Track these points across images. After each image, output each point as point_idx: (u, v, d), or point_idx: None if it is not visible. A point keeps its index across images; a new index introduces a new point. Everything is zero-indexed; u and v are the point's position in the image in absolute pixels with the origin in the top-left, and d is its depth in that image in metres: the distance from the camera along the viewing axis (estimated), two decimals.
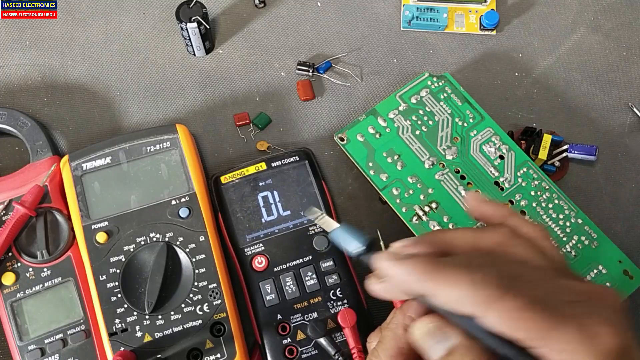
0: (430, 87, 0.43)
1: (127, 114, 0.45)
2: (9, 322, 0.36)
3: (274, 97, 0.46)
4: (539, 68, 0.47)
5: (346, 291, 0.38)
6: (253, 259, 0.39)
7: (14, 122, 0.42)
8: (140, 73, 0.46)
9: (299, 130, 0.45)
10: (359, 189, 0.43)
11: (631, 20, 0.48)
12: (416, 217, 0.39)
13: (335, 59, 0.47)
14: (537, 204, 0.40)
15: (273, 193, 0.40)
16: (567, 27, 0.48)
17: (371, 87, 0.46)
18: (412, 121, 0.42)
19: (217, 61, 0.46)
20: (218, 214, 0.40)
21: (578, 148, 0.43)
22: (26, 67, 0.46)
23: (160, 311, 0.36)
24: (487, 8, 0.48)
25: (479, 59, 0.47)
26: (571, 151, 0.43)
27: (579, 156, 0.43)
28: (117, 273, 0.37)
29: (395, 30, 0.48)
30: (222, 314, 0.37)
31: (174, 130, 0.40)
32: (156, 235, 0.38)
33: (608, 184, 0.44)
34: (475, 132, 0.42)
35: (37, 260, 0.37)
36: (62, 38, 0.47)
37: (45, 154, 0.41)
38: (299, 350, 0.37)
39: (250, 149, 0.44)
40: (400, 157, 0.41)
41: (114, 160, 0.40)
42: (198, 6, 0.43)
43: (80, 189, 0.39)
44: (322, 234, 0.39)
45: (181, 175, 0.39)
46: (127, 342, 0.36)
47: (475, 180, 0.40)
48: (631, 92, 0.46)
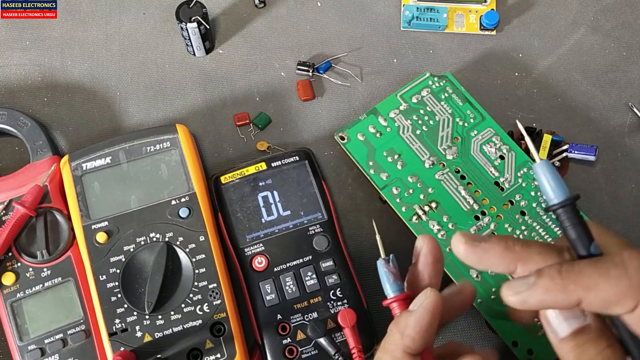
0: (431, 87, 0.43)
1: (127, 114, 0.45)
2: (9, 322, 0.36)
3: (274, 97, 0.46)
4: (539, 68, 0.47)
5: (346, 291, 0.38)
6: (253, 259, 0.39)
7: (14, 122, 0.42)
8: (140, 73, 0.46)
9: (299, 130, 0.45)
10: (359, 188, 0.43)
11: (631, 20, 0.48)
12: (416, 216, 0.39)
13: (335, 59, 0.47)
14: (537, 204, 0.40)
15: (273, 193, 0.40)
16: (567, 27, 0.48)
17: (371, 87, 0.46)
18: (412, 121, 0.42)
19: (217, 61, 0.46)
20: (218, 214, 0.40)
21: (578, 148, 0.43)
22: (26, 67, 0.46)
23: (160, 311, 0.36)
24: (487, 8, 0.48)
25: (479, 59, 0.47)
26: (571, 151, 0.43)
27: (579, 156, 0.43)
28: (117, 273, 0.37)
29: (395, 30, 0.48)
30: (222, 314, 0.37)
31: (174, 130, 0.40)
32: (156, 235, 0.38)
33: (608, 184, 0.44)
34: (475, 132, 0.42)
35: (37, 260, 0.37)
36: (62, 38, 0.47)
37: (45, 154, 0.41)
38: (299, 350, 0.37)
39: (250, 149, 0.44)
40: (401, 156, 0.41)
41: (114, 160, 0.40)
42: (198, 6, 0.43)
43: (80, 189, 0.39)
44: (322, 233, 0.39)
45: (181, 175, 0.39)
46: (127, 342, 0.36)
47: (475, 180, 0.40)
48: (631, 92, 0.46)
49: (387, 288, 0.29)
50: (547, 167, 0.28)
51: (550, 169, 0.28)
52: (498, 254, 0.26)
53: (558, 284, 0.24)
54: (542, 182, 0.27)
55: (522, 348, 0.36)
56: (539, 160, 0.27)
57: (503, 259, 0.26)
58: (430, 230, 0.39)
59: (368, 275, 0.41)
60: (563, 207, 0.26)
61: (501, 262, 0.26)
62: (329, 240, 0.39)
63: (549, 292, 0.24)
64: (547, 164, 0.28)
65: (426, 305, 0.27)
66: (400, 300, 0.29)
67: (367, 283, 0.40)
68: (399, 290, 0.29)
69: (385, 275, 0.30)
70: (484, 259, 0.26)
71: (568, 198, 0.26)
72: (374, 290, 0.41)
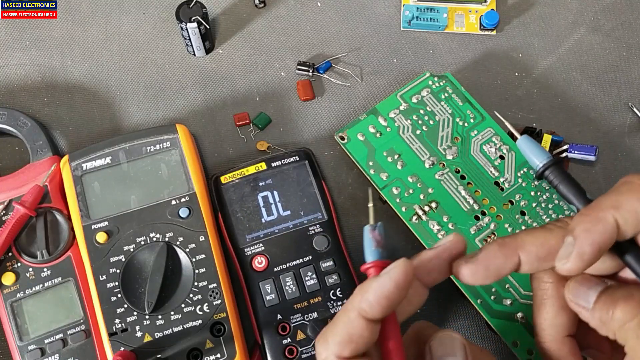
0: (431, 87, 0.43)
1: (127, 114, 0.45)
2: (9, 322, 0.36)
3: (274, 97, 0.46)
4: (539, 68, 0.47)
5: (346, 291, 0.38)
6: (253, 259, 0.39)
7: (14, 122, 0.42)
8: (140, 73, 0.46)
9: (299, 130, 0.45)
10: (359, 189, 0.43)
11: (631, 20, 0.48)
12: (416, 216, 0.39)
13: (335, 59, 0.47)
14: (537, 204, 0.40)
15: (273, 193, 0.40)
16: (567, 27, 0.48)
17: (371, 87, 0.46)
18: (412, 121, 0.42)
19: (217, 61, 0.46)
20: (218, 214, 0.40)
21: (578, 148, 0.43)
22: (26, 67, 0.46)
23: (160, 311, 0.36)
24: (487, 8, 0.48)
25: (478, 59, 0.47)
26: (571, 151, 0.43)
27: (579, 156, 0.43)
28: (117, 273, 0.37)
29: (395, 30, 0.48)
30: (222, 314, 0.37)
31: (174, 130, 0.40)
32: (156, 235, 0.38)
33: (608, 184, 0.44)
34: (475, 132, 0.42)
35: (37, 260, 0.37)
36: (62, 38, 0.47)
37: (45, 154, 0.41)
38: (299, 350, 0.37)
39: (250, 149, 0.44)
40: (401, 156, 0.41)
41: (114, 160, 0.40)
42: (198, 6, 0.43)
43: (80, 189, 0.39)
44: (322, 233, 0.39)
45: (181, 175, 0.39)
46: (127, 342, 0.36)
47: (475, 180, 0.40)
48: (631, 92, 0.46)
49: (367, 254, 0.28)
50: (528, 140, 0.32)
51: (530, 141, 0.32)
52: (497, 254, 0.26)
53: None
54: (526, 154, 0.30)
55: (522, 348, 0.36)
56: (520, 137, 0.30)
57: (504, 255, 0.26)
58: (430, 230, 0.39)
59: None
60: (548, 168, 0.28)
61: (504, 259, 0.26)
62: (329, 240, 0.39)
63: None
64: (527, 138, 0.31)
65: (392, 273, 0.26)
66: (377, 267, 0.28)
67: None
68: (379, 257, 0.28)
69: (369, 241, 0.29)
70: (490, 266, 0.26)
71: (551, 159, 0.28)
72: None
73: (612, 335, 0.26)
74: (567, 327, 0.28)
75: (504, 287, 0.38)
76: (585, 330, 0.28)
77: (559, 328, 0.28)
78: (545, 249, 0.26)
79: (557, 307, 0.28)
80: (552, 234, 0.26)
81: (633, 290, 0.25)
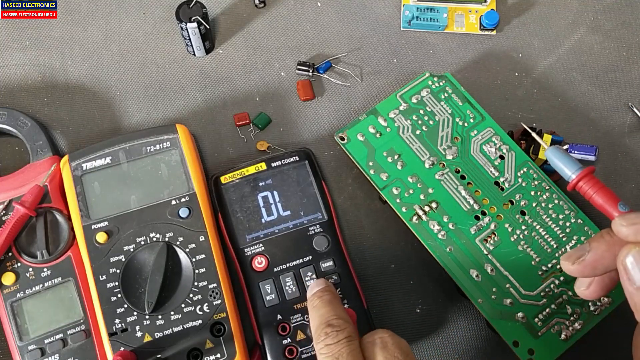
0: (431, 87, 0.43)
1: (127, 114, 0.45)
2: (9, 322, 0.36)
3: (274, 97, 0.46)
4: (539, 68, 0.47)
5: (346, 291, 0.38)
6: (253, 259, 0.39)
7: (14, 122, 0.42)
8: (140, 73, 0.46)
9: (299, 130, 0.45)
10: (359, 188, 0.43)
11: (631, 20, 0.48)
12: (416, 216, 0.39)
13: (335, 59, 0.47)
14: (537, 204, 0.40)
15: (273, 193, 0.40)
16: (567, 27, 0.48)
17: (371, 87, 0.46)
18: (412, 121, 0.42)
19: (217, 61, 0.46)
20: (218, 214, 0.40)
21: (578, 148, 0.43)
22: (26, 67, 0.46)
23: (160, 311, 0.36)
24: (487, 8, 0.48)
25: (478, 59, 0.47)
26: (571, 151, 0.43)
27: (579, 156, 0.43)
28: (117, 273, 0.37)
29: (395, 30, 0.48)
30: (222, 314, 0.37)
31: (174, 130, 0.40)
32: (156, 235, 0.38)
33: (608, 184, 0.44)
34: (475, 132, 0.42)
35: (37, 260, 0.37)
36: (62, 38, 0.47)
37: (45, 154, 0.41)
38: (299, 350, 0.37)
39: (250, 149, 0.44)
40: (401, 156, 0.41)
41: (114, 160, 0.40)
42: (198, 6, 0.43)
43: (80, 189, 0.39)
44: (322, 234, 0.39)
45: (181, 175, 0.39)
46: (127, 342, 0.36)
47: (475, 180, 0.40)
48: (631, 92, 0.46)
49: (567, 170, 0.29)
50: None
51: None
52: (606, 254, 0.27)
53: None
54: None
55: (523, 348, 0.36)
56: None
57: (612, 251, 0.27)
58: (430, 230, 0.39)
59: (368, 275, 0.41)
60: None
61: (611, 255, 0.27)
62: (329, 240, 0.39)
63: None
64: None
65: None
66: (587, 175, 0.29)
67: (367, 283, 0.41)
68: (578, 167, 0.29)
69: (563, 156, 0.29)
70: (597, 264, 0.27)
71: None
72: (374, 290, 0.41)
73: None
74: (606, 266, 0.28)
75: (504, 287, 0.38)
76: None
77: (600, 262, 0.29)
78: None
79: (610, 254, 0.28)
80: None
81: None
